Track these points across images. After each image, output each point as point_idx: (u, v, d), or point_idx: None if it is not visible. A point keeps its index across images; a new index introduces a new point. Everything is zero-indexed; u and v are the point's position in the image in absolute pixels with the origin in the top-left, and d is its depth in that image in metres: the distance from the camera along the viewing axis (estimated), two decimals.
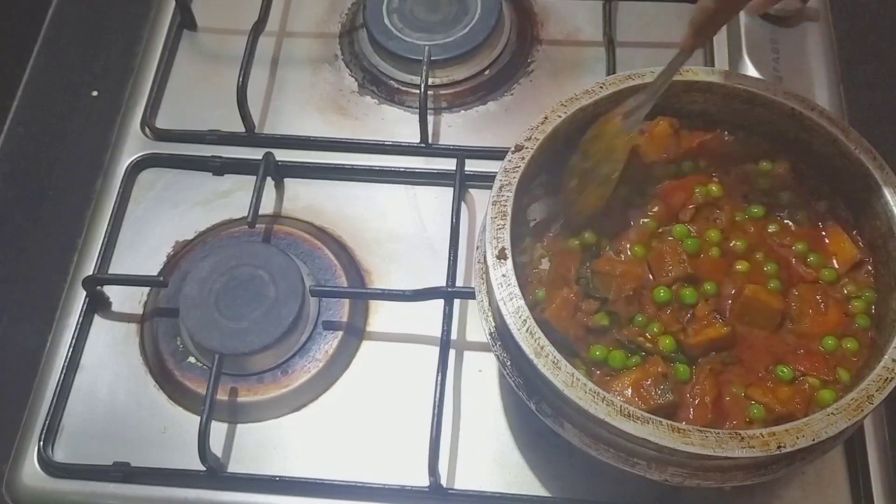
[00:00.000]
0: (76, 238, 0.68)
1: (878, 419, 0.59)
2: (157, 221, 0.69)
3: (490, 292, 0.52)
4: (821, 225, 0.56)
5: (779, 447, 0.45)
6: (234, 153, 0.71)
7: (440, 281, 0.63)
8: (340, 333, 0.63)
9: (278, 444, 0.60)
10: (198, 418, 0.57)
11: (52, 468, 0.59)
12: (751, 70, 0.69)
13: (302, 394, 0.61)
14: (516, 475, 0.59)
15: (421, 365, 0.62)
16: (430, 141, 0.70)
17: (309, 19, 0.79)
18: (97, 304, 0.65)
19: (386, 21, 0.75)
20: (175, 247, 0.68)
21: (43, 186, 0.72)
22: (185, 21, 0.78)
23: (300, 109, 0.74)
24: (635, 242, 0.55)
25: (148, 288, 0.66)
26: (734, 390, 0.51)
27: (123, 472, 0.59)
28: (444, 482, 0.58)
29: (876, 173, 0.53)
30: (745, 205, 0.57)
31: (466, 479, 0.59)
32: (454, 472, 0.59)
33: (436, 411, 0.57)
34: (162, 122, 0.73)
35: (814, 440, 0.46)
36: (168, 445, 0.60)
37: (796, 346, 0.52)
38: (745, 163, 0.58)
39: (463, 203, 0.68)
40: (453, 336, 0.62)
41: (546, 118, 0.55)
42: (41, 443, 0.60)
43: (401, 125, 0.73)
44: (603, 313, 0.53)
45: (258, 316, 0.61)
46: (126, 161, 0.71)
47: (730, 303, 0.53)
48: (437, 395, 0.58)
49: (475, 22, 0.74)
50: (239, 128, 0.71)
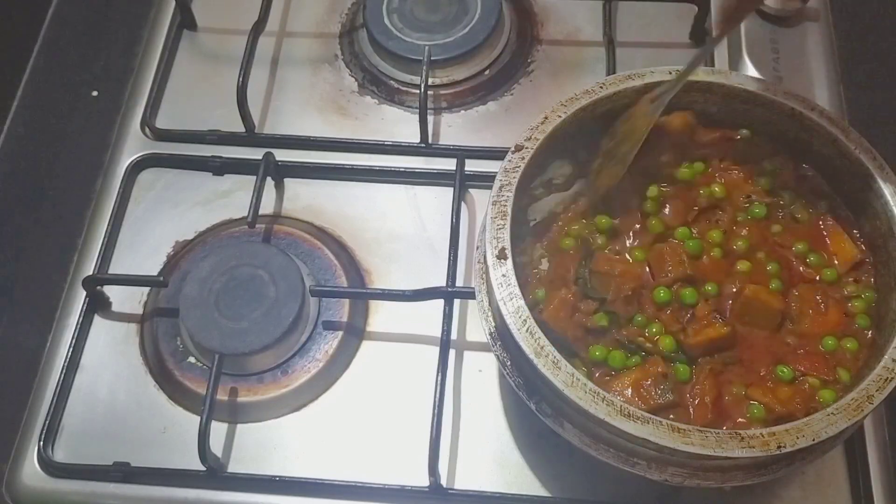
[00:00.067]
0: (76, 238, 0.68)
1: (878, 419, 0.59)
2: (157, 221, 0.69)
3: (490, 292, 0.52)
4: (821, 225, 0.56)
5: (779, 447, 0.45)
6: (234, 153, 0.71)
7: (440, 281, 0.63)
8: (340, 333, 0.63)
9: (278, 444, 0.60)
10: (198, 418, 0.57)
11: (52, 468, 0.59)
12: (751, 70, 0.69)
13: (302, 394, 0.61)
14: (516, 475, 0.59)
15: (421, 365, 0.62)
16: (430, 141, 0.70)
17: (309, 19, 0.79)
18: (97, 304, 0.65)
19: (386, 21, 0.75)
20: (175, 247, 0.68)
21: (43, 186, 0.72)
22: (185, 21, 0.78)
23: (300, 109, 0.74)
24: (636, 247, 0.55)
25: (148, 288, 0.66)
26: (734, 390, 0.51)
27: (123, 472, 0.59)
28: (444, 482, 0.58)
29: (876, 173, 0.53)
30: (747, 205, 0.57)
31: (466, 479, 0.59)
32: (454, 472, 0.59)
33: (436, 411, 0.57)
34: (162, 122, 0.73)
35: (814, 440, 0.46)
36: (168, 445, 0.60)
37: (796, 346, 0.52)
38: (752, 162, 0.58)
39: (463, 203, 0.68)
40: (453, 336, 0.62)
41: (546, 118, 0.55)
42: (41, 443, 0.60)
43: (401, 125, 0.73)
44: (602, 313, 0.53)
45: (258, 316, 0.61)
46: (126, 161, 0.71)
47: (730, 303, 0.53)
48: (437, 395, 0.58)
49: (475, 22, 0.74)
50: (239, 128, 0.71)
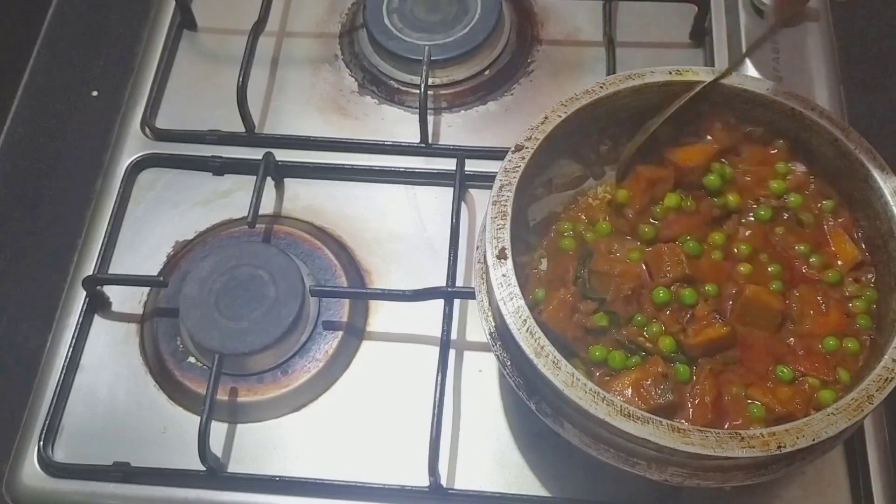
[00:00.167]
0: (76, 238, 0.68)
1: (878, 419, 0.59)
2: (157, 221, 0.69)
3: (490, 292, 0.52)
4: (825, 226, 0.56)
5: (779, 447, 0.45)
6: (234, 153, 0.71)
7: (440, 281, 0.63)
8: (340, 333, 0.63)
9: (278, 444, 0.60)
10: (198, 418, 0.57)
11: (52, 468, 0.59)
12: (751, 70, 0.69)
13: (302, 394, 0.61)
14: (516, 475, 0.59)
15: (421, 365, 0.62)
16: (430, 141, 0.70)
17: (309, 19, 0.79)
18: (97, 304, 0.65)
19: (386, 21, 0.75)
20: (175, 247, 0.68)
21: (43, 186, 0.72)
22: (185, 21, 0.78)
23: (300, 109, 0.74)
24: (633, 248, 0.55)
25: (148, 288, 0.66)
26: (734, 390, 0.51)
27: (123, 472, 0.59)
28: (444, 482, 0.58)
29: (876, 173, 0.53)
30: (753, 207, 0.57)
31: (466, 479, 0.59)
32: (454, 472, 0.59)
33: (436, 411, 0.57)
34: (162, 122, 0.73)
35: (814, 440, 0.46)
36: (168, 445, 0.60)
37: (797, 347, 0.52)
38: (766, 164, 0.58)
39: (463, 203, 0.67)
40: (453, 336, 0.62)
41: (546, 118, 0.55)
42: (41, 443, 0.60)
43: (401, 125, 0.73)
44: (602, 313, 0.53)
45: (258, 316, 0.61)
46: (126, 161, 0.71)
47: (730, 303, 0.53)
48: (437, 395, 0.58)
49: (475, 22, 0.74)
50: (239, 128, 0.71)
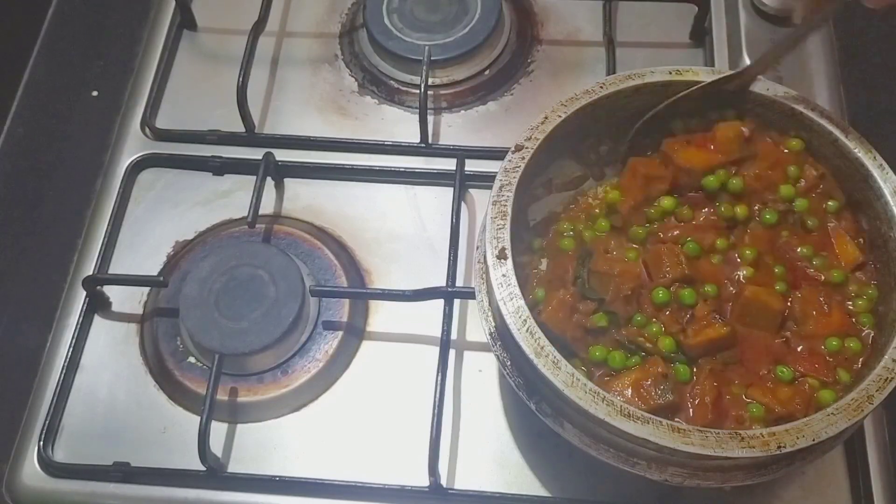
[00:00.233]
0: (76, 238, 0.68)
1: (878, 419, 0.59)
2: (157, 221, 0.69)
3: (490, 292, 0.52)
4: (828, 228, 0.56)
5: (779, 447, 0.45)
6: (234, 153, 0.71)
7: (440, 281, 0.63)
8: (340, 333, 0.63)
9: (278, 444, 0.60)
10: (198, 418, 0.57)
11: (52, 468, 0.59)
12: None
13: (302, 394, 0.61)
14: (516, 475, 0.59)
15: (421, 365, 0.62)
16: (430, 141, 0.70)
17: (309, 19, 0.79)
18: (97, 304, 0.65)
19: (386, 21, 0.75)
20: (175, 247, 0.68)
21: (43, 186, 0.72)
22: (185, 21, 0.78)
23: (300, 109, 0.74)
24: (630, 248, 0.55)
25: (148, 288, 0.66)
26: (734, 390, 0.51)
27: (123, 472, 0.59)
28: (444, 482, 0.58)
29: (876, 173, 0.53)
30: (758, 213, 0.56)
31: (466, 479, 0.59)
32: (454, 472, 0.59)
33: (436, 411, 0.57)
34: (162, 122, 0.73)
35: (814, 440, 0.46)
36: (168, 445, 0.60)
37: (797, 347, 0.52)
38: (777, 167, 0.57)
39: (463, 203, 0.67)
40: (453, 336, 0.62)
41: (546, 118, 0.55)
42: (41, 443, 0.60)
43: (401, 125, 0.73)
44: (602, 314, 0.53)
45: (258, 316, 0.61)
46: (126, 161, 0.71)
47: (730, 304, 0.53)
48: (437, 395, 0.58)
49: (475, 22, 0.74)
50: (239, 128, 0.71)
